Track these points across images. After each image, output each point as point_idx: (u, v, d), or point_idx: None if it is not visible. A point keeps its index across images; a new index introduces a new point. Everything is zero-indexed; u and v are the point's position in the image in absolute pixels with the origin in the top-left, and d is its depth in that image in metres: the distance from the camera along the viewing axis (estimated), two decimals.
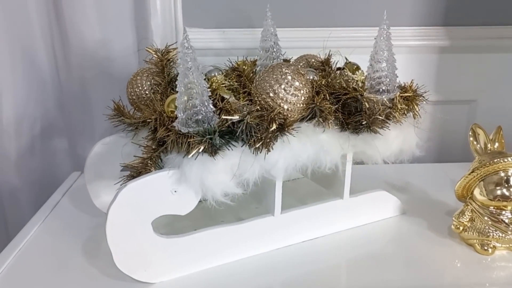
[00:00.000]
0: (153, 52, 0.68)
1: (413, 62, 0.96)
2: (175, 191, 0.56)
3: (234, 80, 0.65)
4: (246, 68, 0.68)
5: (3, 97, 0.87)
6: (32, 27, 0.88)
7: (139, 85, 0.67)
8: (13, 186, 0.92)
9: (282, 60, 0.72)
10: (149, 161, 0.57)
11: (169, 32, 0.91)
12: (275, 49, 0.70)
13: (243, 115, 0.54)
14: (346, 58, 0.72)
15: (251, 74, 0.67)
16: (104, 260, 0.61)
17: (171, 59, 0.67)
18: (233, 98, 0.60)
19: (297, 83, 0.58)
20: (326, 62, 0.72)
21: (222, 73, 0.66)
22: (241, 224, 0.62)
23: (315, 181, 0.77)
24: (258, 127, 0.55)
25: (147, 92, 0.67)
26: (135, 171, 0.56)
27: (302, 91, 0.58)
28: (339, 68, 0.72)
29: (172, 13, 0.91)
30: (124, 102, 0.69)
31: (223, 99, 0.58)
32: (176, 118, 0.56)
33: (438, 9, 0.94)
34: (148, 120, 0.60)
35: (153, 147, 0.58)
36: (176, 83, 0.54)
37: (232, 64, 0.72)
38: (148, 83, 0.67)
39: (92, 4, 0.86)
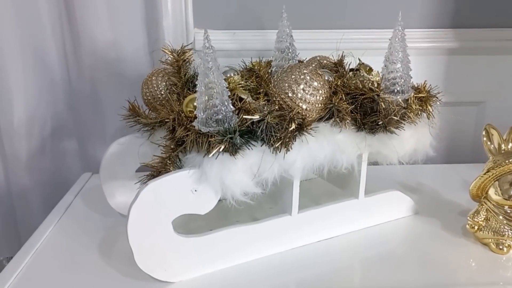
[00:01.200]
0: (169, 53, 0.68)
1: (422, 64, 0.96)
2: (195, 191, 0.56)
3: (252, 80, 0.65)
4: (261, 69, 0.68)
5: (14, 98, 0.88)
6: (43, 28, 0.88)
7: (155, 85, 0.68)
8: (23, 186, 0.92)
9: (297, 61, 0.73)
10: (168, 161, 0.57)
11: (179, 33, 0.91)
12: (290, 50, 0.70)
13: (264, 114, 0.55)
14: (359, 59, 0.72)
15: (267, 75, 0.67)
16: (120, 259, 0.62)
17: (187, 60, 0.68)
18: (250, 98, 0.60)
19: (315, 83, 0.58)
20: (340, 63, 0.72)
21: (238, 74, 0.66)
22: (259, 223, 0.62)
23: (329, 181, 0.77)
24: (277, 126, 0.55)
25: (162, 93, 0.67)
26: (155, 171, 0.56)
27: (320, 91, 0.58)
28: (351, 69, 0.72)
29: (183, 14, 0.91)
30: (138, 102, 0.69)
31: (240, 99, 0.59)
32: (195, 117, 0.56)
33: (447, 11, 0.95)
34: (165, 120, 0.60)
35: (172, 146, 0.58)
36: (196, 82, 0.55)
37: (246, 65, 0.72)
38: (164, 83, 0.67)
39: (104, 5, 0.86)
